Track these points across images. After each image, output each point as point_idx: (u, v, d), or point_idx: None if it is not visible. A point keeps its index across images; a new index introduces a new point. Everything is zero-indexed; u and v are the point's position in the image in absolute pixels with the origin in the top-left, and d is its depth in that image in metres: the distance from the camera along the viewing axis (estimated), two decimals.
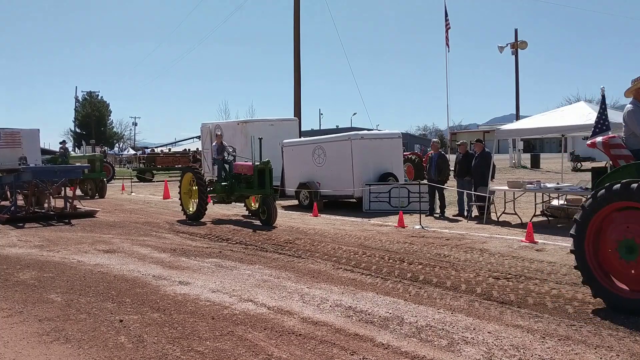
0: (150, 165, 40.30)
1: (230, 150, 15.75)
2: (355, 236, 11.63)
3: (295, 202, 18.01)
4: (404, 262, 8.91)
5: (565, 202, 13.19)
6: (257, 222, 13.92)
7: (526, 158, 40.45)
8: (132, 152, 62.63)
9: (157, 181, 35.48)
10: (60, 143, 27.53)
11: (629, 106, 6.86)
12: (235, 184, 15.03)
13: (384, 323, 5.80)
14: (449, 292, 7.02)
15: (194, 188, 14.95)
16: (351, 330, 5.58)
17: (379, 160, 16.92)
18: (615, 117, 12.46)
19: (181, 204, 15.23)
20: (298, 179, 17.88)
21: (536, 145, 67.86)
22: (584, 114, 12.10)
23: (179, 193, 15.36)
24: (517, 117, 37.44)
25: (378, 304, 6.54)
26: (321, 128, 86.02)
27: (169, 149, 50.52)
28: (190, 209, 15.00)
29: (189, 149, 44.99)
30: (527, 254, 9.35)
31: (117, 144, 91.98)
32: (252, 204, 15.46)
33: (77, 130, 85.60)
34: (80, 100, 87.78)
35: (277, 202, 18.92)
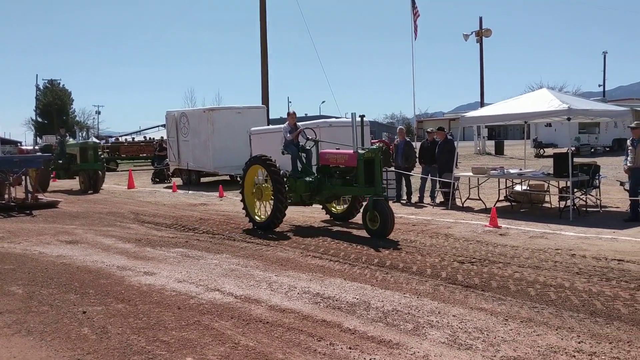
0: (114, 154, 39.61)
1: (309, 134, 11.89)
2: (324, 224, 11.64)
3: None
4: (371, 248, 8.96)
5: (528, 188, 13.45)
6: (356, 232, 10.56)
7: (490, 145, 41.05)
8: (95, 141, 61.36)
9: (121, 171, 34.90)
10: (60, 129, 26.46)
11: None
12: (325, 180, 11.09)
13: (351, 308, 5.84)
14: (415, 277, 7.10)
15: (264, 185, 11.21)
16: (319, 317, 5.60)
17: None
18: (577, 104, 12.75)
19: (245, 208, 11.38)
20: None
21: (500, 132, 68.87)
22: (546, 101, 12.31)
23: (241, 193, 11.50)
24: (482, 104, 37.92)
25: (346, 289, 6.58)
26: None
27: (133, 138, 49.64)
28: (260, 215, 11.29)
29: (153, 138, 44.30)
30: (491, 239, 9.51)
31: (80, 133, 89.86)
32: (336, 206, 12.21)
33: (39, 119, 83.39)
34: (41, 88, 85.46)
35: None
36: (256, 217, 11.21)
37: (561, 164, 11.74)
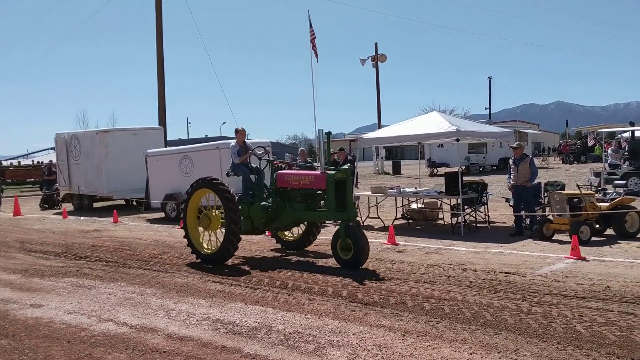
0: None
1: (261, 152, 10.73)
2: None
3: (162, 214, 17.40)
4: (273, 270, 8.92)
5: (423, 205, 14.01)
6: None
7: (388, 165, 42.44)
8: None
9: (6, 197, 32.50)
10: None
11: None
12: (285, 205, 10.01)
13: (252, 333, 5.77)
14: (317, 297, 7.14)
15: (214, 213, 9.98)
16: (218, 343, 5.48)
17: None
18: (465, 125, 13.51)
19: (187, 239, 9.97)
20: (164, 191, 17.28)
21: (397, 153, 71.49)
22: (437, 123, 12.96)
23: (183, 222, 10.13)
24: (379, 126, 39.20)
25: (247, 314, 6.49)
26: (189, 137, 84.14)
27: (19, 162, 46.58)
28: (207, 247, 9.99)
29: (42, 162, 41.79)
30: (389, 256, 9.79)
31: None
32: (286, 233, 11.13)
33: None
34: None
35: (142, 215, 18.27)
36: (203, 249, 9.89)
37: (452, 183, 12.35)
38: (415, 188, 15.04)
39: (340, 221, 9.15)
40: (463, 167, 29.44)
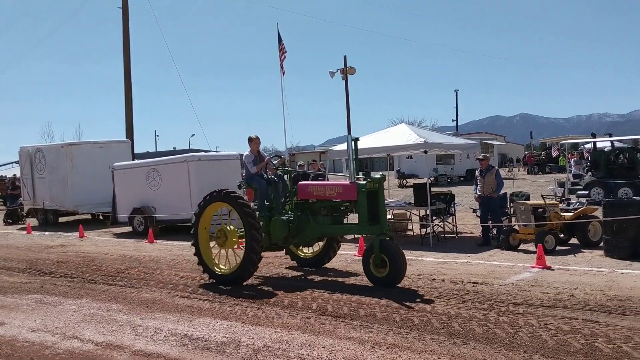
0: None
1: (276, 162, 10.20)
2: (194, 261, 11.21)
3: (129, 228, 17.15)
4: (243, 284, 8.85)
5: (392, 217, 14.10)
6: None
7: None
8: None
9: None
10: None
11: None
12: (308, 218, 9.19)
13: (220, 348, 5.70)
14: (286, 311, 7.10)
15: (229, 228, 9.16)
16: (187, 359, 5.40)
17: (218, 182, 16.56)
18: (432, 137, 13.69)
19: (199, 259, 9.20)
20: (131, 204, 17.04)
21: (367, 164, 71.89)
22: (405, 135, 13.11)
23: (194, 240, 9.21)
24: None
25: (215, 329, 6.42)
26: (157, 150, 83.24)
27: None
28: (222, 267, 9.18)
29: (5, 176, 40.79)
30: (359, 268, 9.72)
31: None
32: (303, 250, 10.48)
33: None
34: None
35: (108, 229, 17.95)
36: (217, 268, 9.09)
37: (421, 194, 12.48)
38: (385, 199, 15.13)
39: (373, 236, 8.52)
40: (431, 178, 29.77)
